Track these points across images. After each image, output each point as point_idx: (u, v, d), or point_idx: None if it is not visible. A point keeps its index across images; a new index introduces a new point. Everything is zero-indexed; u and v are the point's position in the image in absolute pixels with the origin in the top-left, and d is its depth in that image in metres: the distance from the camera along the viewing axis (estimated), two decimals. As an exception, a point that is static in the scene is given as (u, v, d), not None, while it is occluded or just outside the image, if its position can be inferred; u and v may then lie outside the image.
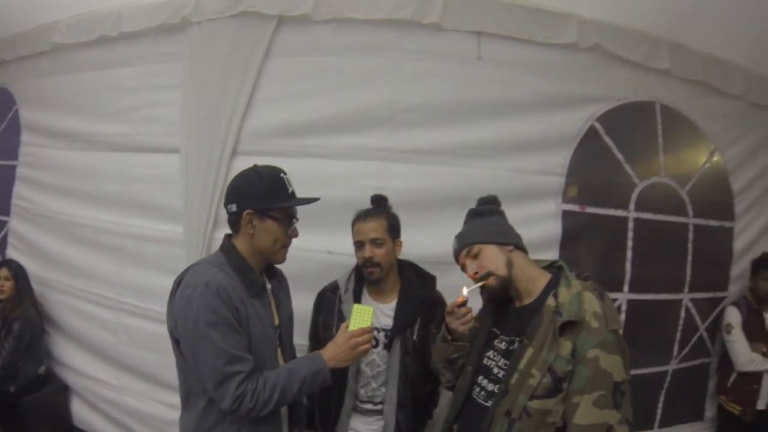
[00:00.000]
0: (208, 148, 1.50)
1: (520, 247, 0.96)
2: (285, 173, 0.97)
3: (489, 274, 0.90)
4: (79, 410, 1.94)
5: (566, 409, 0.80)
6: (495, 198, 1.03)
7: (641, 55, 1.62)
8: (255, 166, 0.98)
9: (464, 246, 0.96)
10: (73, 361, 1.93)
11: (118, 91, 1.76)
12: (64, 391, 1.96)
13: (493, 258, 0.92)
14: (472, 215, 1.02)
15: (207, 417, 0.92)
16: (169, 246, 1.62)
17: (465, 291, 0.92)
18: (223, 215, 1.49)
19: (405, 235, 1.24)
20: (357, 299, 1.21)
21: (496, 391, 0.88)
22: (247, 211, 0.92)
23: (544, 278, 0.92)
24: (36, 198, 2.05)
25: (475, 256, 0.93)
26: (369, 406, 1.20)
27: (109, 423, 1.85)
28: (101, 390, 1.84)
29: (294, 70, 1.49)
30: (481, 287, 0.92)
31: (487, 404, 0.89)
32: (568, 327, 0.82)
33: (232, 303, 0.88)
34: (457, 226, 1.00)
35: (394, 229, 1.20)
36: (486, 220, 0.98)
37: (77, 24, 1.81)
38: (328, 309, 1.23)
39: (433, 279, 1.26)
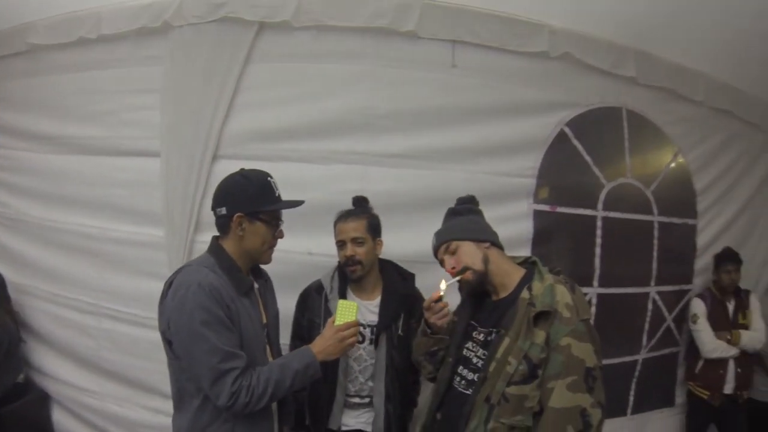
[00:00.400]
0: (189, 152, 1.51)
1: (496, 244, 1.01)
2: (272, 177, 1.01)
3: (466, 269, 0.96)
4: (60, 419, 1.89)
5: (542, 395, 0.86)
6: (473, 198, 1.08)
7: (609, 63, 1.71)
8: (242, 170, 1.01)
9: (442, 242, 1.00)
10: (54, 368, 1.88)
11: (97, 94, 1.74)
12: (44, 400, 1.91)
13: (470, 254, 0.97)
14: (451, 214, 1.06)
15: (201, 416, 0.94)
16: (150, 250, 1.62)
17: (443, 285, 0.97)
18: (205, 218, 1.54)
19: (383, 236, 1.29)
20: (342, 297, 1.24)
21: (475, 379, 0.93)
22: (237, 214, 0.95)
23: (518, 273, 0.97)
24: (12, 202, 1.99)
25: (453, 252, 0.98)
26: (357, 400, 1.25)
27: (92, 431, 1.82)
28: (83, 397, 1.81)
29: (274, 76, 1.51)
30: (459, 282, 0.97)
31: (467, 392, 0.94)
32: (542, 317, 0.87)
33: (223, 302, 0.91)
34: (433, 227, 1.05)
35: (374, 228, 1.24)
36: (464, 218, 1.03)
37: (55, 25, 1.78)
38: (314, 308, 1.26)
39: (412, 276, 1.31)
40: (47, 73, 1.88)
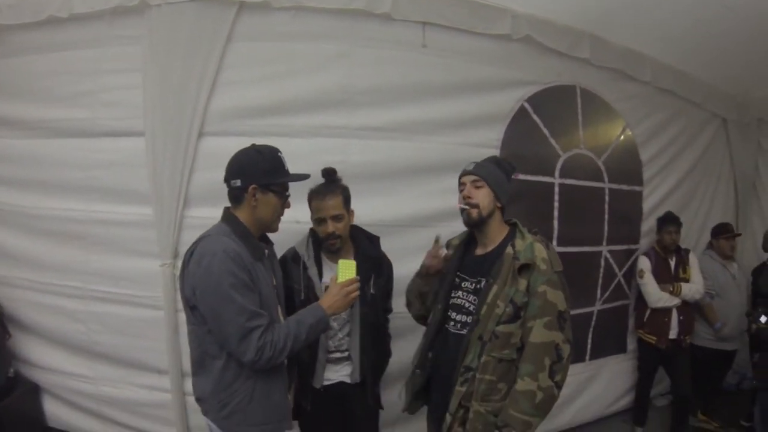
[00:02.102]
0: (175, 131, 1.54)
1: (504, 208, 1.16)
2: (281, 152, 1.09)
3: (476, 205, 1.11)
4: (52, 409, 1.88)
5: (523, 333, 1.03)
6: (514, 167, 1.22)
7: (565, 45, 1.87)
8: (254, 145, 1.09)
9: (477, 175, 1.13)
10: (44, 358, 1.85)
11: (73, 75, 1.69)
12: (34, 392, 1.87)
13: (487, 200, 1.11)
14: (495, 162, 1.18)
15: (225, 375, 1.02)
16: (137, 228, 1.63)
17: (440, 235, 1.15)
18: (193, 194, 1.59)
19: (363, 203, 1.39)
20: (318, 263, 1.33)
21: (469, 321, 1.09)
22: (252, 186, 1.03)
23: (504, 232, 1.14)
24: (-14, 191, 1.92)
25: (477, 187, 1.12)
26: (337, 355, 1.35)
27: (86, 417, 1.82)
28: (76, 384, 1.80)
29: (255, 55, 1.56)
30: (463, 212, 1.12)
31: (462, 332, 1.10)
32: (524, 269, 1.04)
33: (245, 266, 0.99)
34: (406, 193, 1.16)
35: (348, 201, 1.32)
36: (502, 174, 1.16)
37: (19, 3, 1.68)
38: (292, 276, 1.31)
39: (377, 239, 1.41)
40: (15, 55, 1.79)
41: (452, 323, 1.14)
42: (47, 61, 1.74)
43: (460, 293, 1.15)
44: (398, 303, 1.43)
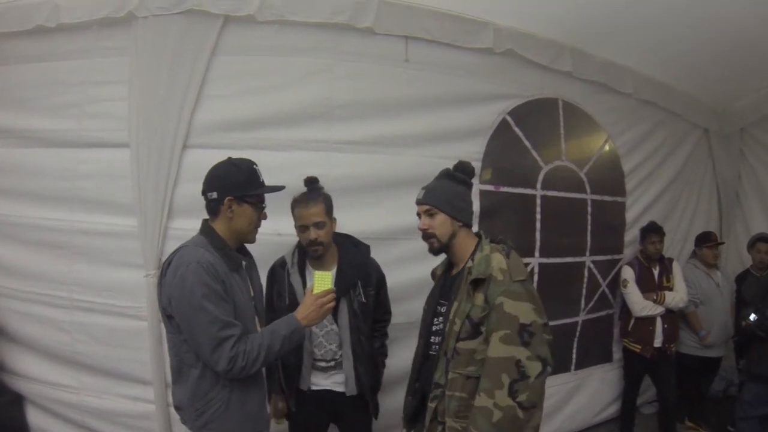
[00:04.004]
0: (159, 143, 1.55)
1: (468, 224, 1.13)
2: (256, 165, 1.11)
3: (432, 236, 1.10)
4: (36, 420, 1.84)
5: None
6: (472, 170, 1.15)
7: (547, 58, 1.91)
8: (230, 158, 1.11)
9: (427, 204, 1.10)
10: (27, 368, 1.82)
11: (59, 85, 1.69)
12: (18, 402, 1.84)
13: (443, 226, 1.09)
14: (447, 177, 1.13)
15: (201, 384, 1.03)
16: (121, 239, 1.64)
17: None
18: (177, 206, 1.60)
19: (344, 216, 1.41)
20: (302, 271, 1.35)
21: (440, 340, 1.09)
22: (227, 198, 1.05)
23: (472, 246, 1.12)
24: (-31, 200, 1.90)
25: (431, 216, 1.10)
26: (323, 364, 1.36)
27: (70, 427, 1.80)
28: (60, 394, 1.77)
29: (239, 68, 1.58)
30: (424, 239, 1.11)
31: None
32: (479, 283, 1.02)
33: (219, 277, 1.00)
34: (387, 205, 1.18)
35: (330, 209, 1.34)
36: (454, 188, 1.11)
37: (6, 12, 1.68)
38: (280, 281, 1.36)
39: (367, 247, 1.43)
40: (3, 63, 1.77)
41: (434, 347, 1.14)
42: (34, 70, 1.74)
43: (440, 318, 1.14)
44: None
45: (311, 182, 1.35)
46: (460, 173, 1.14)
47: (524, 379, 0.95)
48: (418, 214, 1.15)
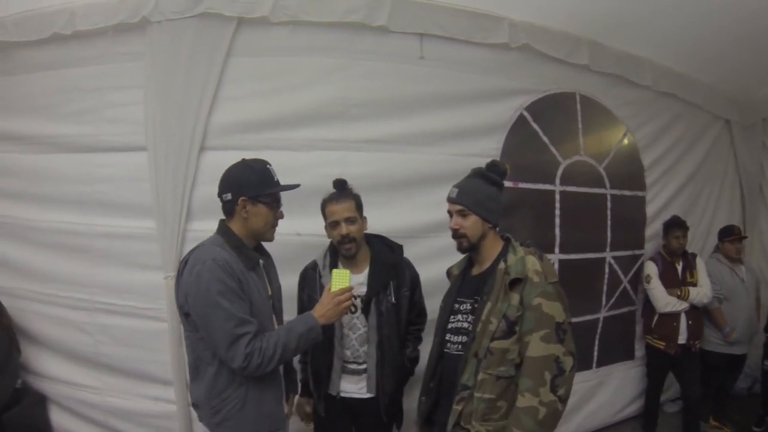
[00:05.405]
0: (177, 145, 1.56)
1: (496, 225, 1.14)
2: (270, 165, 1.11)
3: (463, 236, 1.10)
4: (59, 420, 1.88)
5: (521, 348, 1.02)
6: (505, 171, 1.16)
7: (564, 52, 1.87)
8: (244, 159, 1.11)
9: (461, 204, 1.11)
10: (50, 369, 1.86)
11: (76, 92, 1.72)
12: (41, 403, 1.88)
13: (474, 227, 1.10)
14: (479, 175, 1.14)
15: (217, 381, 1.04)
16: (140, 242, 1.66)
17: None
18: (195, 208, 1.61)
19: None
20: None
21: (465, 341, 1.09)
22: (241, 198, 1.05)
23: (498, 248, 1.13)
24: (-8, 206, 1.95)
25: (463, 216, 1.11)
26: (354, 366, 1.35)
27: (93, 427, 1.83)
28: (83, 395, 1.81)
29: (255, 70, 1.58)
30: (455, 239, 1.12)
31: (461, 353, 1.09)
32: (516, 283, 1.03)
33: (235, 275, 1.01)
34: (406, 204, 1.16)
35: (360, 207, 1.34)
36: (487, 189, 1.12)
37: (25, 21, 1.72)
38: (311, 285, 1.36)
39: (400, 247, 1.41)
40: (20, 72, 1.82)
41: (452, 345, 1.14)
42: (52, 78, 1.78)
43: (459, 316, 1.14)
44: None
45: (340, 184, 1.34)
46: (494, 174, 1.14)
47: (562, 374, 1.00)
48: (449, 212, 1.15)
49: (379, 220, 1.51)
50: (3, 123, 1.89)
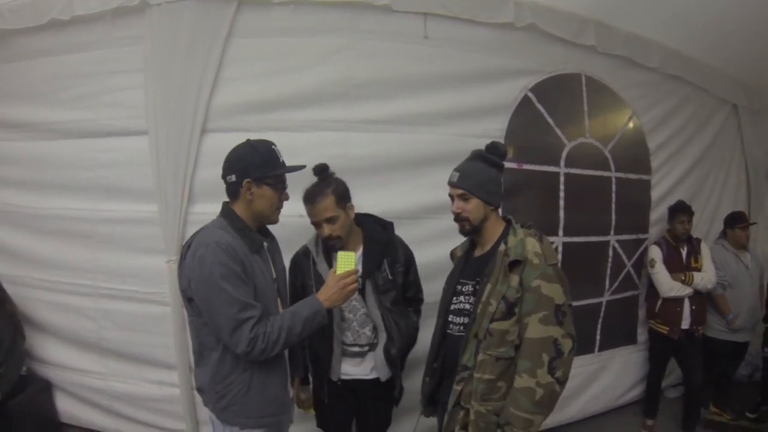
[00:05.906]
0: (178, 128, 1.55)
1: (498, 207, 1.13)
2: (275, 145, 1.08)
3: (465, 219, 1.10)
4: (65, 406, 1.91)
5: (520, 329, 1.01)
6: (505, 152, 1.13)
7: (570, 33, 1.83)
8: (248, 140, 1.08)
9: (462, 188, 1.10)
10: (55, 355, 1.88)
11: (76, 78, 1.71)
12: (47, 389, 1.91)
13: (476, 210, 1.09)
14: (479, 157, 1.12)
15: (221, 367, 1.02)
16: (143, 226, 1.65)
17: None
18: (198, 190, 1.60)
19: (363, 195, 1.37)
20: (328, 259, 1.31)
21: (466, 322, 1.09)
22: (246, 180, 1.03)
23: (500, 230, 1.12)
24: (-6, 194, 1.94)
25: (465, 200, 1.10)
26: (356, 349, 1.33)
27: (98, 413, 1.85)
28: (88, 380, 1.83)
29: (256, 51, 1.56)
30: (457, 222, 1.12)
31: (462, 334, 1.10)
32: (515, 265, 1.03)
33: (238, 258, 0.98)
34: (408, 185, 1.15)
35: (343, 197, 1.26)
36: (487, 171, 1.10)
37: (22, 8, 1.70)
38: (304, 272, 1.32)
39: (391, 225, 1.39)
40: (19, 59, 1.81)
41: (455, 327, 1.14)
42: (51, 64, 1.77)
43: (461, 298, 1.14)
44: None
45: (321, 171, 1.28)
46: (494, 155, 1.12)
47: (560, 356, 0.99)
48: (451, 196, 1.13)
49: (382, 200, 1.51)
50: (3, 110, 1.89)
